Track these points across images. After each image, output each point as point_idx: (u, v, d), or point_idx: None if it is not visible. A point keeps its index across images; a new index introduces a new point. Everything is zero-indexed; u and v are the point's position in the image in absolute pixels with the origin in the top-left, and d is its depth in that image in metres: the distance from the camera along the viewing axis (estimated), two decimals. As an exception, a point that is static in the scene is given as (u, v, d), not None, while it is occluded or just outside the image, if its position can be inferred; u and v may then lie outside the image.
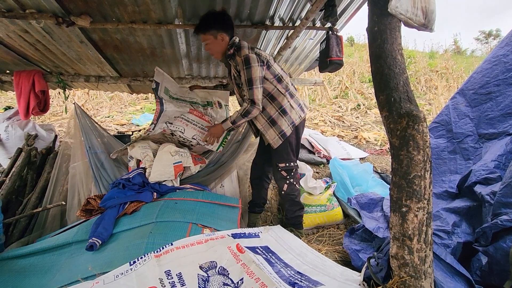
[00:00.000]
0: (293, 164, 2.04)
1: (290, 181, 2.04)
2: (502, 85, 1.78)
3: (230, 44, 1.85)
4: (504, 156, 1.59)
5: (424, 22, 1.11)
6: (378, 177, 2.94)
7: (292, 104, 1.94)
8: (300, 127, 2.05)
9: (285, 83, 1.94)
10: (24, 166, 2.58)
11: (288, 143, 1.99)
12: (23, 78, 2.82)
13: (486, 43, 14.08)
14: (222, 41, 1.85)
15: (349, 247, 1.73)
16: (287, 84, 1.94)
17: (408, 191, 1.07)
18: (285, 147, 1.99)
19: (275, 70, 1.87)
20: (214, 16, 1.80)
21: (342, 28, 2.42)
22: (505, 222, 1.24)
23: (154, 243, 1.44)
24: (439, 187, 1.83)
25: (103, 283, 1.12)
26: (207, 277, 1.18)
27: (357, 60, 9.66)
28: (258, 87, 1.80)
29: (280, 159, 2.02)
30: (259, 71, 1.75)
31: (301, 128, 2.06)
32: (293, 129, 1.96)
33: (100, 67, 2.94)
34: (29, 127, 3.19)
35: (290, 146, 2.00)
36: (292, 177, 2.05)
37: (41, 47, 2.44)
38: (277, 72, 1.88)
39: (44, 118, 5.69)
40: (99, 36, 2.30)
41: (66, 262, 1.52)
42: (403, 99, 1.10)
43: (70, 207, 2.38)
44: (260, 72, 1.76)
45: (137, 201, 1.92)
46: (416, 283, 1.07)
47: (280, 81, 1.90)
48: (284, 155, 2.01)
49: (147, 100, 7.30)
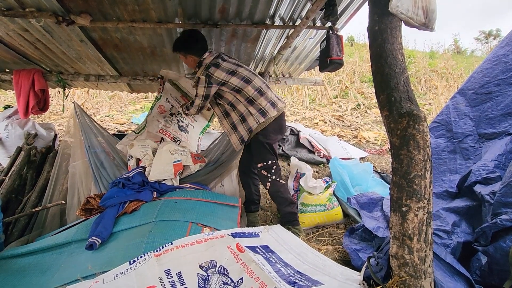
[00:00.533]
0: (270, 162, 2.07)
1: (272, 178, 2.07)
2: (502, 85, 1.78)
3: (198, 62, 2.12)
4: (504, 156, 1.59)
5: (425, 21, 1.10)
6: (378, 177, 2.94)
7: (251, 111, 2.04)
8: (271, 127, 2.05)
9: (245, 92, 2.04)
10: (23, 165, 2.58)
11: (260, 144, 2.06)
12: (23, 77, 2.81)
13: (486, 43, 14.07)
14: (192, 60, 2.14)
15: (349, 246, 1.73)
16: (246, 93, 2.04)
17: (408, 190, 1.07)
18: (259, 147, 2.07)
19: (231, 84, 2.04)
20: (181, 41, 2.11)
21: (342, 28, 2.42)
22: (504, 221, 1.24)
23: (154, 242, 1.44)
24: (439, 186, 1.83)
25: (102, 282, 1.12)
26: (207, 276, 1.18)
27: (357, 59, 9.66)
28: (199, 101, 2.11)
29: (258, 160, 2.10)
30: (204, 91, 2.05)
31: (271, 128, 2.05)
32: (249, 134, 2.07)
33: (100, 66, 2.94)
34: (28, 126, 3.18)
35: (263, 145, 2.05)
36: (274, 173, 2.07)
37: (41, 46, 2.44)
38: (234, 85, 2.04)
39: (43, 117, 5.68)
40: (99, 35, 2.30)
41: (65, 261, 1.52)
42: (404, 98, 1.09)
43: (70, 206, 2.38)
44: (205, 91, 2.05)
45: (137, 200, 1.92)
46: (416, 282, 1.07)
47: (238, 92, 2.06)
48: (260, 155, 2.08)
49: (147, 100, 7.30)
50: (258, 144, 2.07)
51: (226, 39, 2.47)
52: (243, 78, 2.05)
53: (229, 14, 2.09)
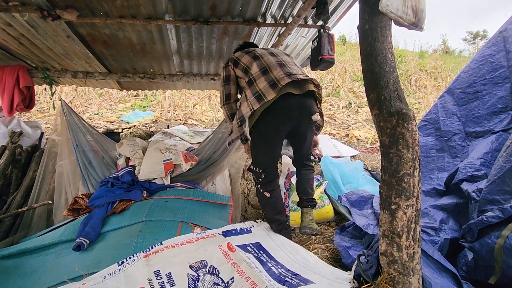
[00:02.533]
0: (253, 167, 1.76)
1: (256, 185, 1.80)
2: (488, 84, 1.82)
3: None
4: (490, 154, 1.62)
5: (414, 21, 1.11)
6: (369, 175, 2.97)
7: (247, 95, 1.65)
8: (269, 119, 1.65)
9: (251, 71, 1.70)
10: (8, 164, 2.50)
11: (251, 141, 1.75)
12: (7, 73, 2.72)
13: (473, 44, 14.39)
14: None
15: (340, 244, 1.75)
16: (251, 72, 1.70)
17: (398, 189, 1.08)
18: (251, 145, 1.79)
19: (242, 63, 1.77)
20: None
21: (333, 27, 2.43)
22: (490, 218, 1.27)
23: (143, 243, 1.42)
24: (428, 184, 1.86)
25: (90, 284, 1.10)
26: (197, 277, 1.17)
27: (348, 58, 9.73)
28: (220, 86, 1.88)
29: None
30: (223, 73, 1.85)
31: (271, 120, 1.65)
32: (241, 123, 1.68)
33: (88, 62, 2.87)
34: (13, 124, 3.09)
35: (252, 144, 1.76)
36: (258, 182, 1.76)
37: (26, 41, 2.36)
38: (243, 64, 1.76)
39: (30, 115, 5.54)
40: (86, 31, 2.24)
41: (52, 262, 1.48)
42: (393, 97, 1.10)
43: (57, 206, 2.33)
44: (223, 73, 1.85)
45: (126, 199, 1.89)
46: (404, 279, 1.08)
47: (246, 72, 1.74)
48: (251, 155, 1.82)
49: (137, 97, 7.19)
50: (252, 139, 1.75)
51: (218, 36, 2.44)
52: (254, 56, 1.75)
53: (220, 11, 2.06)
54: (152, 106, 6.81)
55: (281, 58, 1.75)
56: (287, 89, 1.59)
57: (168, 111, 6.19)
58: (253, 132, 1.72)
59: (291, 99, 1.61)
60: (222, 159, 2.65)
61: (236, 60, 1.81)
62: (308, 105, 1.68)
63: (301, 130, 1.75)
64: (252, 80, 1.67)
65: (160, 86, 4.07)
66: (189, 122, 5.58)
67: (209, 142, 2.87)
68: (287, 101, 1.61)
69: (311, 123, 1.77)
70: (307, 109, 1.67)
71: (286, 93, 1.60)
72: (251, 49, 1.84)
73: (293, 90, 1.61)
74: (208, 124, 5.57)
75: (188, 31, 2.32)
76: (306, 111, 1.67)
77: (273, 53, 1.79)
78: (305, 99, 1.67)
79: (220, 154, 2.68)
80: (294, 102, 1.62)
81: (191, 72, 3.34)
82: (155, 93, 7.08)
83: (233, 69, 1.82)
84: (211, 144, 2.82)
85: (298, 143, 1.85)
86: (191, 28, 2.26)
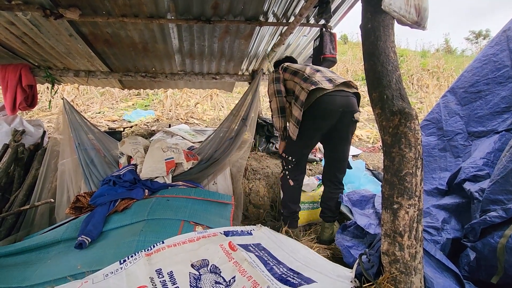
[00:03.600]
0: (285, 155, 1.97)
1: (284, 171, 2.01)
2: (491, 84, 1.81)
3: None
4: (493, 154, 1.62)
5: (417, 20, 1.11)
6: (370, 175, 2.96)
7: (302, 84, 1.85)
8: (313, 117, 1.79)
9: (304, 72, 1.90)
10: (11, 163, 2.51)
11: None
12: (9, 72, 2.74)
13: (476, 43, 14.31)
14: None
15: (341, 243, 1.74)
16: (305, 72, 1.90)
17: (400, 188, 1.07)
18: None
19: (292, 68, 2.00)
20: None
21: (335, 26, 2.42)
22: (493, 218, 1.26)
23: (145, 241, 1.43)
24: (430, 184, 1.85)
25: (91, 282, 1.10)
26: (199, 276, 1.17)
27: (350, 58, 9.70)
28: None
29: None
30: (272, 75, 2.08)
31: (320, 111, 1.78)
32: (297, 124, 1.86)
33: (90, 61, 2.88)
34: (16, 122, 3.10)
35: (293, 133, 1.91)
36: (287, 169, 1.99)
37: (28, 40, 2.37)
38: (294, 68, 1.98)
39: (32, 113, 5.55)
40: (89, 30, 2.25)
41: (53, 258, 1.49)
42: (396, 96, 1.10)
43: (59, 204, 2.34)
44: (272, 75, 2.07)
45: (128, 198, 1.90)
46: (406, 279, 1.08)
47: (295, 74, 1.95)
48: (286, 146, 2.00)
49: (139, 96, 7.20)
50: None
51: (219, 35, 2.44)
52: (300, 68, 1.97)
53: (222, 10, 2.06)
54: (154, 105, 6.82)
55: (322, 68, 1.94)
56: (340, 87, 1.78)
57: (169, 110, 6.19)
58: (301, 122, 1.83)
59: (338, 97, 1.77)
60: (223, 158, 2.65)
61: (286, 67, 2.02)
62: (351, 103, 1.82)
63: (343, 130, 1.87)
64: (306, 76, 1.84)
65: (161, 85, 4.07)
66: (190, 121, 5.58)
67: (211, 141, 2.87)
68: (335, 97, 1.76)
69: (352, 124, 1.89)
70: (350, 106, 1.81)
71: (339, 90, 1.77)
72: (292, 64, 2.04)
73: (345, 88, 1.80)
74: (210, 123, 5.57)
75: (190, 30, 2.32)
76: (349, 108, 1.80)
77: (311, 66, 1.99)
78: (350, 98, 1.82)
79: (221, 153, 2.68)
80: (340, 99, 1.77)
81: (193, 71, 3.34)
82: (157, 92, 7.09)
83: (285, 75, 2.02)
84: (212, 143, 2.82)
85: (337, 146, 1.95)
86: (193, 27, 2.26)
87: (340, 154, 1.97)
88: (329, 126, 1.83)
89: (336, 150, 1.97)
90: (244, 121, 2.72)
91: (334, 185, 2.03)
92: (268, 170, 2.84)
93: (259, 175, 2.80)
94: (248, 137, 2.77)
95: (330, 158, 2.02)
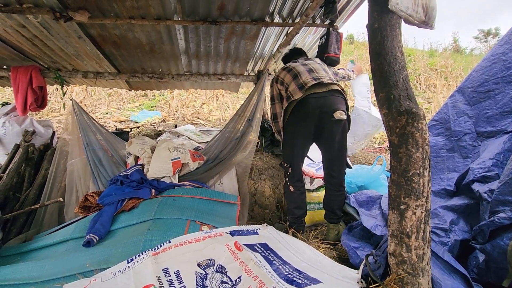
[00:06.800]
0: (283, 162, 2.04)
1: (284, 178, 2.05)
2: (501, 83, 1.78)
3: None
4: (502, 154, 1.59)
5: (425, 19, 1.10)
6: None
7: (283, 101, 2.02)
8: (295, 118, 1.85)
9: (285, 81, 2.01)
10: (21, 162, 2.56)
11: (282, 139, 2.02)
12: (21, 74, 2.79)
13: (485, 42, 14.03)
14: None
15: (347, 244, 1.73)
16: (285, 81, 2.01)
17: (407, 188, 1.06)
18: (282, 143, 2.04)
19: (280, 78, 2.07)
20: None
21: (341, 26, 2.41)
22: (502, 219, 1.24)
23: (152, 240, 1.44)
24: (437, 185, 1.83)
25: (100, 280, 1.12)
26: (205, 275, 1.18)
27: (356, 58, 9.63)
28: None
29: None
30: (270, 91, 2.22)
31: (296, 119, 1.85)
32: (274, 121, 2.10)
33: (98, 63, 2.92)
34: (26, 123, 3.17)
35: (282, 141, 2.02)
36: (286, 176, 2.01)
37: (39, 43, 2.42)
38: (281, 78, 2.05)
39: (42, 114, 5.66)
40: (97, 32, 2.28)
41: (62, 256, 1.51)
42: (403, 96, 1.09)
43: (68, 203, 2.38)
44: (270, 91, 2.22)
45: (135, 198, 1.92)
46: (413, 280, 1.07)
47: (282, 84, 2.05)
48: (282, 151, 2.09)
49: (145, 97, 7.27)
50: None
51: (225, 36, 2.45)
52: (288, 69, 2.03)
53: (228, 11, 2.07)
54: (160, 105, 6.88)
55: (312, 66, 1.97)
56: (311, 90, 1.80)
57: (175, 111, 6.24)
58: (284, 130, 1.97)
59: (312, 99, 1.80)
60: (229, 158, 2.66)
61: (277, 77, 2.08)
62: (328, 103, 1.81)
63: (325, 130, 1.87)
64: (287, 87, 1.93)
65: (168, 85, 4.11)
66: (196, 122, 5.62)
67: (216, 141, 2.88)
68: (309, 100, 1.80)
69: (335, 123, 1.84)
70: (326, 107, 1.80)
71: (311, 94, 1.80)
72: (288, 65, 2.08)
73: (317, 90, 1.80)
74: (215, 124, 5.59)
75: (196, 31, 2.34)
76: (326, 108, 1.80)
77: (305, 63, 2.02)
78: (327, 98, 1.81)
79: (227, 153, 2.70)
80: (314, 101, 1.80)
81: (199, 72, 3.37)
82: (163, 93, 7.15)
83: (277, 86, 2.07)
84: (218, 143, 2.84)
85: (326, 147, 1.97)
86: (199, 28, 2.28)
87: (329, 155, 1.98)
88: (311, 128, 1.87)
89: (326, 151, 2.00)
90: (250, 121, 2.73)
91: (333, 186, 2.03)
92: (274, 170, 2.84)
93: (264, 176, 2.80)
94: (253, 137, 2.78)
95: (323, 159, 2.05)
